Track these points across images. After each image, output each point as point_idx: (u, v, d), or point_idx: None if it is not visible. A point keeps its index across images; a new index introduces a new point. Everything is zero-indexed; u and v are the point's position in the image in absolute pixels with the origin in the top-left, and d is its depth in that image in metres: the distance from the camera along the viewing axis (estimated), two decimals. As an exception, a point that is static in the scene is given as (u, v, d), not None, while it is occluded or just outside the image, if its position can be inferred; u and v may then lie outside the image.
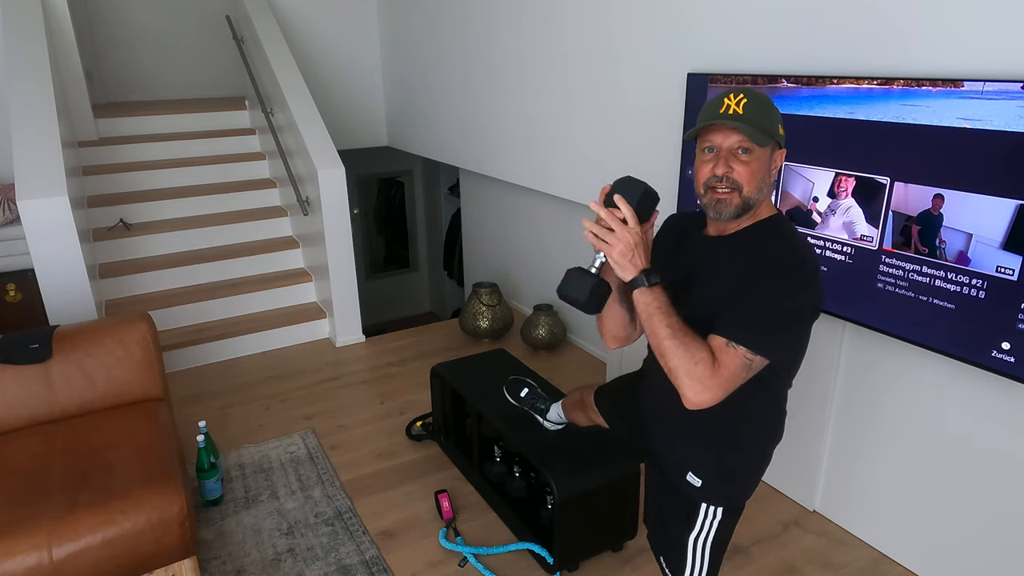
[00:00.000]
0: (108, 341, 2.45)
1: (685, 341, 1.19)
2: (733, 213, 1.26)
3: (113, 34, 5.21)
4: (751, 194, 1.25)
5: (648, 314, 1.22)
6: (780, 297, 1.21)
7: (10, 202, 3.96)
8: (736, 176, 1.23)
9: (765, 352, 1.21)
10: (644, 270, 1.22)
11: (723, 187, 1.24)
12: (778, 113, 1.28)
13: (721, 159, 1.24)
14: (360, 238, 6.74)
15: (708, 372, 1.18)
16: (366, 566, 2.24)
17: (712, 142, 1.25)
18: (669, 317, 1.21)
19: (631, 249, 1.21)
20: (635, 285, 1.23)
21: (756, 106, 1.23)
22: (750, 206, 1.26)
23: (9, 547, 1.78)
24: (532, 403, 2.31)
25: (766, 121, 1.24)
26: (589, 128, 3.17)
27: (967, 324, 1.79)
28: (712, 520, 1.44)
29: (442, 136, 4.60)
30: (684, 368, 1.19)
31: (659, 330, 1.21)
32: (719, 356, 1.19)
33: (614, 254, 1.22)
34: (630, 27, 2.80)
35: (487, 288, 3.96)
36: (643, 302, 1.22)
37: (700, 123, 1.26)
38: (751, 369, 1.21)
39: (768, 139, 1.23)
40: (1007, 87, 1.61)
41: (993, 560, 1.98)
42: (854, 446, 2.33)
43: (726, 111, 1.23)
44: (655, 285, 1.22)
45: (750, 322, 1.20)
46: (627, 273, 1.23)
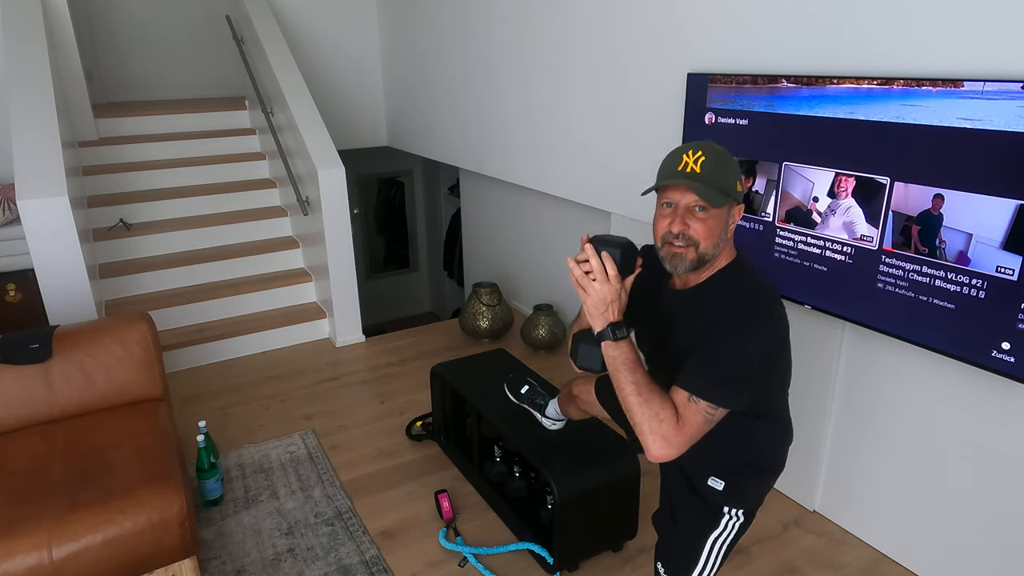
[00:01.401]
0: (108, 341, 2.45)
1: (649, 398, 1.23)
2: (688, 267, 1.30)
3: (113, 34, 5.21)
4: (707, 250, 1.28)
5: (615, 368, 1.26)
6: (736, 348, 1.25)
7: (10, 202, 3.96)
8: (692, 233, 1.27)
9: (726, 404, 1.25)
10: (612, 324, 1.26)
11: (679, 243, 1.28)
12: (737, 169, 1.30)
13: (678, 216, 1.27)
14: (360, 238, 6.74)
15: (672, 430, 1.22)
16: (366, 566, 2.24)
17: (670, 198, 1.28)
18: (634, 373, 1.25)
19: (605, 303, 1.26)
20: (602, 337, 1.27)
21: (714, 164, 1.26)
22: (705, 260, 1.30)
23: (9, 547, 1.78)
24: (532, 399, 2.31)
25: (723, 179, 1.26)
26: (589, 128, 3.17)
27: (967, 324, 1.79)
28: (734, 523, 1.48)
29: (442, 136, 4.60)
30: (648, 425, 1.22)
31: (624, 386, 1.25)
32: (682, 412, 1.23)
33: (588, 303, 1.27)
34: (630, 27, 2.80)
35: (487, 288, 3.96)
36: (610, 356, 1.27)
37: (658, 180, 1.29)
38: (713, 421, 1.25)
39: (724, 199, 1.26)
40: (1007, 87, 1.61)
41: (993, 560, 1.98)
42: (854, 446, 2.33)
43: (684, 168, 1.26)
44: (621, 339, 1.26)
45: (709, 375, 1.24)
46: (597, 324, 1.28)
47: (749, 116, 2.27)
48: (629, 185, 3.00)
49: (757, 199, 2.30)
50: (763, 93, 2.21)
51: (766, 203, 2.27)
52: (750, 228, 2.35)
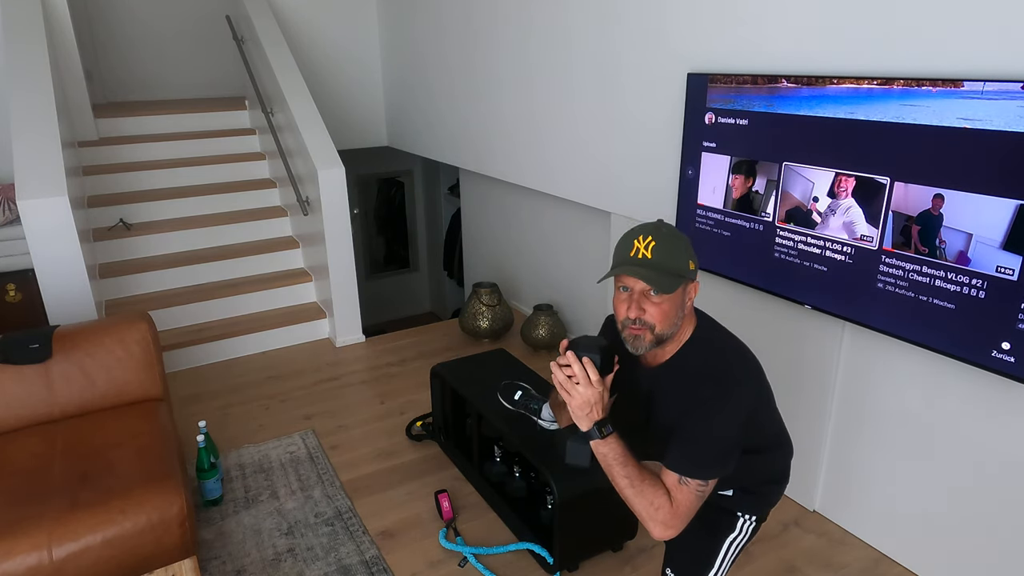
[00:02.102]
0: (108, 341, 2.45)
1: (642, 489, 1.29)
2: (647, 347, 1.34)
3: (113, 34, 5.21)
4: (664, 331, 1.33)
5: (607, 464, 1.32)
6: (716, 425, 1.31)
7: (10, 202, 3.96)
8: (648, 317, 1.31)
9: (715, 475, 1.31)
10: (597, 422, 1.31)
11: (636, 326, 1.32)
12: (689, 250, 1.34)
13: (634, 302, 1.31)
14: (360, 238, 6.74)
15: (667, 515, 1.28)
16: (366, 566, 2.24)
17: (625, 283, 1.32)
18: (625, 467, 1.30)
19: (589, 405, 1.30)
20: (590, 436, 1.32)
21: (664, 249, 1.29)
22: (664, 339, 1.34)
23: (9, 547, 1.78)
24: (526, 404, 2.31)
25: (674, 263, 1.30)
26: (589, 128, 3.17)
27: (967, 324, 1.79)
28: (749, 525, 1.54)
29: (442, 136, 4.60)
30: (646, 513, 1.30)
31: (618, 480, 1.31)
32: (675, 495, 1.29)
33: (573, 405, 1.31)
34: (630, 27, 2.80)
35: (487, 288, 3.96)
36: (601, 453, 1.32)
37: (612, 267, 1.34)
38: (705, 494, 1.32)
39: (676, 282, 1.29)
40: (1007, 87, 1.61)
41: (993, 560, 1.98)
42: (854, 446, 2.33)
43: (636, 255, 1.30)
44: (608, 436, 1.31)
45: (694, 454, 1.30)
46: (583, 424, 1.33)
47: (749, 116, 2.27)
48: (629, 185, 3.00)
49: (757, 199, 2.30)
50: (763, 93, 2.21)
51: (766, 203, 2.27)
52: (750, 228, 2.35)
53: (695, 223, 2.56)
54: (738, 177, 2.36)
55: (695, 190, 2.54)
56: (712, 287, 2.57)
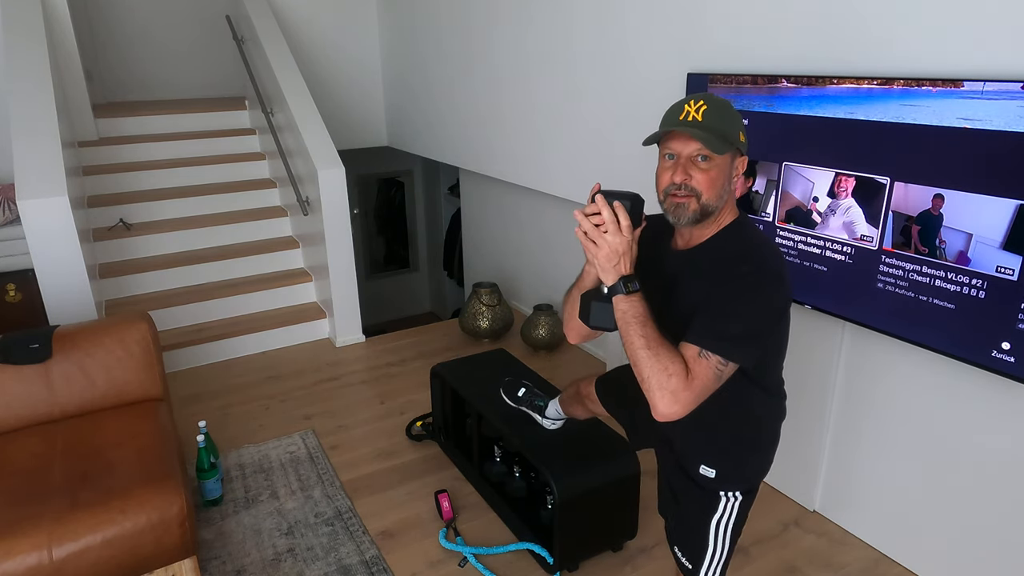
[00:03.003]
0: (108, 341, 2.45)
1: (659, 352, 1.20)
2: (691, 219, 1.27)
3: (113, 34, 5.21)
4: (709, 201, 1.26)
5: (625, 322, 1.24)
6: (747, 303, 1.23)
7: (10, 202, 3.96)
8: (694, 183, 1.25)
9: (738, 358, 1.23)
10: (624, 277, 1.24)
11: (682, 193, 1.26)
12: (739, 119, 1.29)
13: (680, 166, 1.26)
14: (360, 238, 6.74)
15: (681, 384, 1.19)
16: (366, 566, 2.24)
17: (672, 148, 1.27)
18: (644, 327, 1.22)
19: (617, 255, 1.23)
20: (615, 291, 1.25)
21: (716, 113, 1.25)
22: (709, 212, 1.28)
23: (9, 547, 1.78)
24: (530, 401, 2.31)
25: (725, 128, 1.25)
26: (589, 128, 3.17)
27: (967, 324, 1.79)
28: (733, 504, 1.47)
29: (442, 136, 4.60)
30: (656, 380, 1.19)
31: (634, 339, 1.22)
32: (692, 367, 1.20)
33: (600, 256, 1.24)
34: (630, 27, 2.80)
35: (487, 288, 3.96)
36: (621, 309, 1.24)
37: (660, 129, 1.29)
38: (722, 378, 1.23)
39: (727, 146, 1.24)
40: (1007, 87, 1.61)
41: (993, 560, 1.98)
42: (854, 446, 2.33)
43: (685, 118, 1.26)
44: (633, 293, 1.23)
45: (720, 330, 1.22)
46: (608, 278, 1.25)
47: (749, 116, 2.27)
48: (630, 185, 2.99)
49: (757, 199, 2.30)
50: (763, 93, 2.21)
51: (766, 203, 2.27)
52: (750, 228, 2.35)
53: (695, 223, 2.55)
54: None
55: (695, 190, 2.54)
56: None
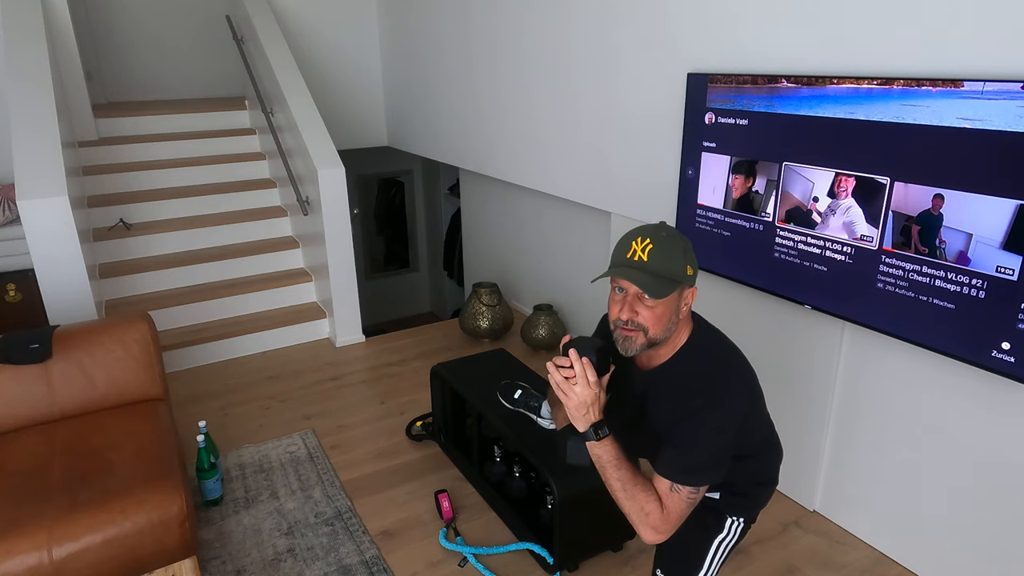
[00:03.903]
0: (108, 341, 2.45)
1: (634, 493, 1.30)
2: (638, 350, 1.33)
3: (113, 34, 5.21)
4: (656, 335, 1.32)
5: (600, 465, 1.33)
6: (705, 436, 1.31)
7: (10, 202, 3.96)
8: (640, 320, 1.30)
9: (706, 482, 1.32)
10: (594, 424, 1.31)
11: (630, 327, 1.31)
12: (687, 253, 1.31)
13: (627, 304, 1.30)
14: (360, 238, 6.74)
15: (657, 520, 1.29)
16: (366, 566, 2.24)
17: (620, 284, 1.31)
18: (619, 469, 1.31)
19: (586, 406, 1.30)
20: (586, 438, 1.32)
21: (661, 252, 1.28)
22: (656, 343, 1.33)
23: (9, 547, 1.78)
24: (526, 402, 2.32)
25: (670, 267, 1.28)
26: (589, 128, 3.17)
27: (967, 324, 1.79)
28: (736, 528, 1.54)
29: (442, 136, 4.60)
30: (636, 517, 1.31)
31: (611, 482, 1.32)
32: (666, 501, 1.30)
33: (570, 406, 1.31)
34: (630, 27, 2.80)
35: (487, 288, 3.96)
36: (595, 454, 1.33)
37: (609, 268, 1.33)
38: (696, 500, 1.32)
39: (670, 287, 1.27)
40: (1007, 87, 1.61)
41: (993, 560, 1.98)
42: (854, 446, 2.33)
43: (631, 256, 1.29)
44: (604, 438, 1.31)
45: (685, 464, 1.30)
46: (580, 425, 1.33)
47: (749, 116, 2.27)
48: (629, 185, 3.00)
49: (757, 199, 2.30)
50: (763, 93, 2.21)
51: (766, 203, 2.27)
52: (750, 228, 2.35)
53: (695, 223, 2.56)
54: (738, 177, 2.36)
55: (695, 190, 2.54)
56: (712, 287, 2.57)
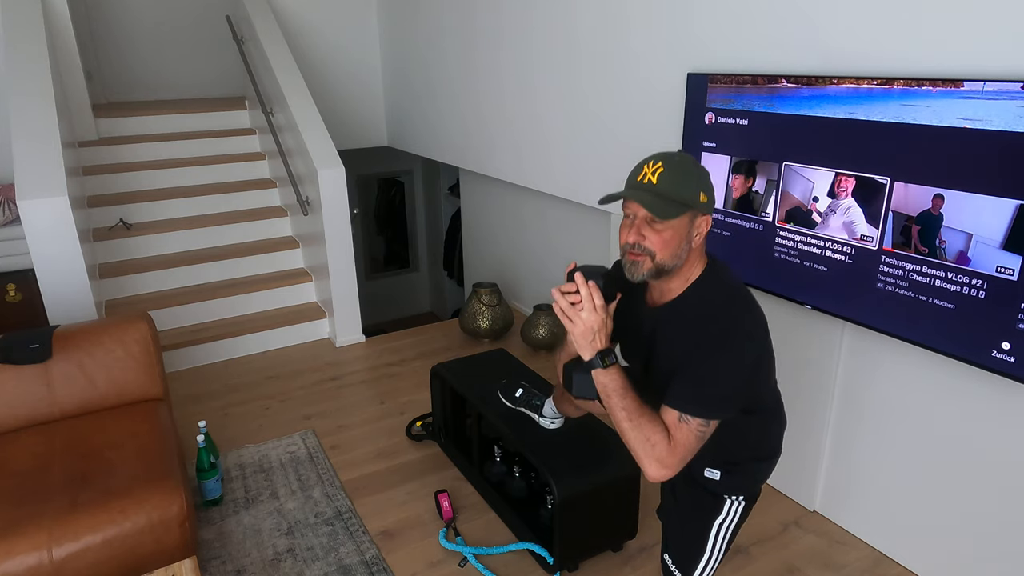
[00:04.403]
0: (108, 341, 2.45)
1: (640, 423, 1.25)
2: (645, 275, 1.30)
3: (113, 34, 5.21)
4: (663, 261, 1.28)
5: (606, 394, 1.29)
6: (719, 364, 1.27)
7: (10, 202, 3.96)
8: (647, 244, 1.27)
9: (717, 416, 1.27)
10: (600, 351, 1.29)
11: (636, 252, 1.29)
12: (701, 179, 1.29)
13: (635, 227, 1.28)
14: (360, 238, 6.74)
15: (664, 452, 1.24)
16: (366, 566, 2.24)
17: (629, 209, 1.29)
18: (624, 399, 1.27)
19: (592, 332, 1.28)
20: (592, 366, 1.30)
21: (671, 175, 1.25)
22: (665, 270, 1.30)
23: (9, 547, 1.78)
24: (528, 401, 2.32)
25: (680, 191, 1.25)
26: (589, 128, 3.17)
27: (967, 324, 1.79)
28: (737, 508, 1.50)
29: (442, 136, 4.60)
30: (641, 449, 1.26)
31: (616, 412, 1.28)
32: (674, 432, 1.25)
33: (576, 333, 1.29)
34: (630, 27, 2.80)
35: (487, 288, 3.96)
36: (601, 382, 1.30)
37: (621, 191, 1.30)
38: (705, 437, 1.28)
39: (677, 210, 1.25)
40: (1007, 87, 1.61)
41: (993, 560, 1.98)
42: (854, 446, 2.33)
43: (642, 179, 1.27)
44: (610, 366, 1.28)
45: (696, 394, 1.26)
46: (586, 354, 1.30)
47: (749, 116, 2.27)
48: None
49: (757, 199, 2.30)
50: (763, 93, 2.21)
51: (766, 203, 2.27)
52: (750, 228, 2.35)
53: (695, 223, 2.55)
54: (738, 177, 2.36)
55: (695, 190, 2.54)
56: (712, 287, 2.57)
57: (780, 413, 1.51)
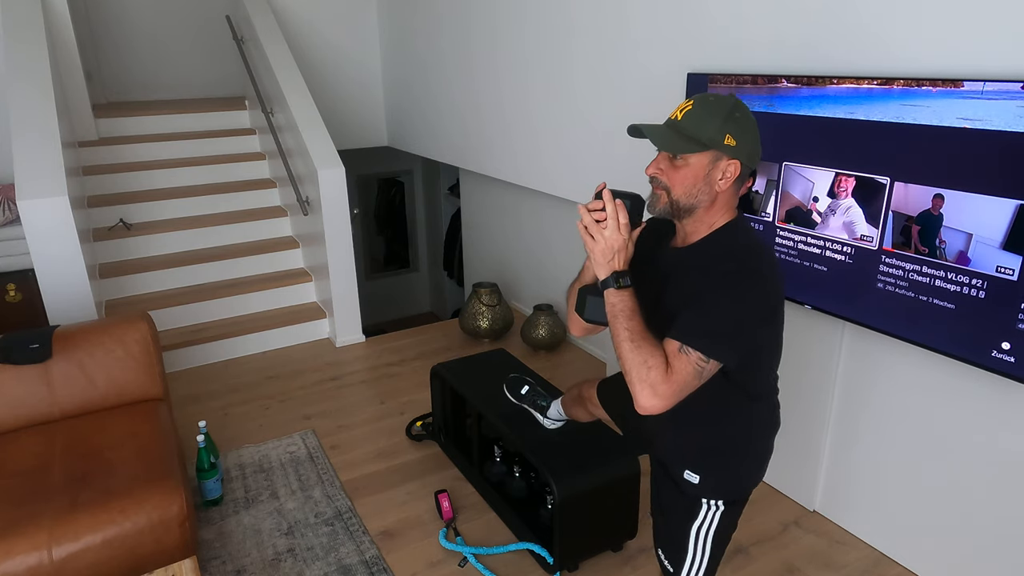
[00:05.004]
0: (108, 341, 2.45)
1: (640, 345, 1.22)
2: (662, 211, 1.31)
3: (113, 34, 5.21)
4: (679, 198, 1.28)
5: (613, 316, 1.27)
6: (729, 300, 1.24)
7: (10, 202, 3.96)
8: (664, 178, 1.29)
9: (717, 355, 1.23)
10: (616, 272, 1.27)
11: (655, 185, 1.31)
12: (733, 122, 1.26)
13: (655, 161, 1.30)
14: (360, 238, 6.74)
15: (660, 378, 1.20)
16: (366, 566, 2.24)
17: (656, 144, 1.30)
18: (630, 321, 1.24)
19: (612, 251, 1.26)
20: (606, 285, 1.28)
21: (697, 114, 1.26)
22: (682, 208, 1.30)
23: (9, 547, 1.78)
24: (533, 400, 2.31)
25: (702, 130, 1.25)
26: (589, 128, 3.17)
27: (967, 324, 1.79)
28: (714, 513, 1.45)
29: (442, 136, 4.60)
30: (636, 372, 1.21)
31: (620, 332, 1.25)
32: (672, 362, 1.22)
33: (596, 251, 1.27)
34: (630, 27, 2.80)
35: (487, 288, 3.96)
36: (611, 303, 1.27)
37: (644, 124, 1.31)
38: (703, 375, 1.23)
39: (690, 147, 1.25)
40: (1007, 87, 1.61)
41: (993, 560, 1.98)
42: (854, 446, 2.33)
43: (672, 117, 1.29)
44: (624, 288, 1.26)
45: (701, 326, 1.23)
46: (602, 272, 1.28)
47: (749, 116, 2.27)
48: (629, 185, 2.99)
49: (757, 199, 2.30)
50: (763, 93, 2.21)
51: (766, 203, 2.27)
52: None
53: (695, 223, 2.56)
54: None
55: (695, 190, 2.54)
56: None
57: (774, 412, 1.48)
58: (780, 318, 1.34)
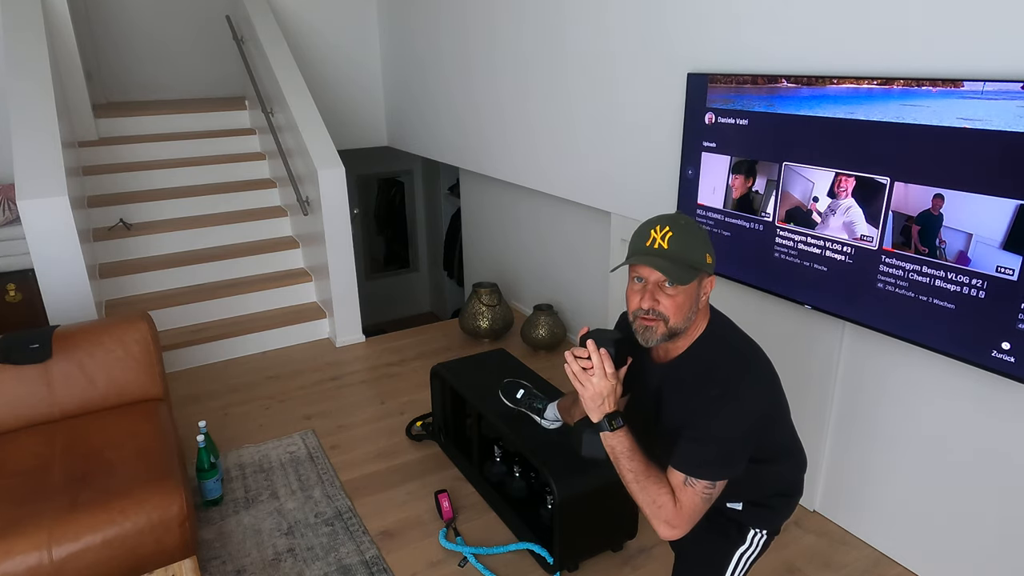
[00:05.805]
0: (108, 341, 2.45)
1: (646, 485, 1.28)
2: (659, 340, 1.31)
3: (113, 34, 5.21)
4: (677, 324, 1.30)
5: (614, 456, 1.32)
6: (721, 428, 1.28)
7: (10, 202, 3.96)
8: (661, 309, 1.29)
9: (722, 477, 1.29)
10: (608, 415, 1.31)
11: (650, 317, 1.30)
12: (705, 240, 1.31)
13: (647, 292, 1.29)
14: (360, 238, 6.74)
15: (671, 513, 1.27)
16: (366, 566, 2.24)
17: (640, 273, 1.30)
18: (632, 460, 1.30)
19: (602, 397, 1.31)
20: (600, 428, 1.32)
21: (681, 239, 1.27)
22: (677, 333, 1.32)
23: (9, 547, 1.78)
24: (529, 403, 2.31)
25: (690, 254, 1.27)
26: (589, 128, 3.17)
27: (967, 324, 1.79)
28: (759, 540, 1.51)
29: (442, 136, 4.60)
30: (649, 510, 1.29)
31: (624, 473, 1.31)
32: (679, 495, 1.27)
33: (586, 396, 1.32)
34: (630, 27, 2.80)
35: (487, 288, 3.96)
36: (609, 445, 1.33)
37: (628, 257, 1.31)
38: (712, 497, 1.29)
39: (691, 274, 1.26)
40: (1007, 87, 1.61)
41: (993, 560, 1.98)
42: (854, 446, 2.33)
43: (652, 245, 1.28)
44: (618, 429, 1.31)
45: (700, 457, 1.28)
46: (594, 415, 1.33)
47: (749, 116, 2.27)
48: (629, 185, 3.00)
49: (757, 199, 2.30)
50: (763, 93, 2.21)
51: (766, 203, 2.27)
52: (750, 228, 2.35)
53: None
54: (738, 177, 2.36)
55: (695, 190, 2.54)
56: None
57: (798, 456, 1.51)
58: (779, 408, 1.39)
